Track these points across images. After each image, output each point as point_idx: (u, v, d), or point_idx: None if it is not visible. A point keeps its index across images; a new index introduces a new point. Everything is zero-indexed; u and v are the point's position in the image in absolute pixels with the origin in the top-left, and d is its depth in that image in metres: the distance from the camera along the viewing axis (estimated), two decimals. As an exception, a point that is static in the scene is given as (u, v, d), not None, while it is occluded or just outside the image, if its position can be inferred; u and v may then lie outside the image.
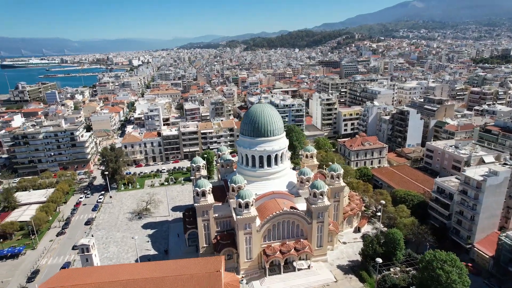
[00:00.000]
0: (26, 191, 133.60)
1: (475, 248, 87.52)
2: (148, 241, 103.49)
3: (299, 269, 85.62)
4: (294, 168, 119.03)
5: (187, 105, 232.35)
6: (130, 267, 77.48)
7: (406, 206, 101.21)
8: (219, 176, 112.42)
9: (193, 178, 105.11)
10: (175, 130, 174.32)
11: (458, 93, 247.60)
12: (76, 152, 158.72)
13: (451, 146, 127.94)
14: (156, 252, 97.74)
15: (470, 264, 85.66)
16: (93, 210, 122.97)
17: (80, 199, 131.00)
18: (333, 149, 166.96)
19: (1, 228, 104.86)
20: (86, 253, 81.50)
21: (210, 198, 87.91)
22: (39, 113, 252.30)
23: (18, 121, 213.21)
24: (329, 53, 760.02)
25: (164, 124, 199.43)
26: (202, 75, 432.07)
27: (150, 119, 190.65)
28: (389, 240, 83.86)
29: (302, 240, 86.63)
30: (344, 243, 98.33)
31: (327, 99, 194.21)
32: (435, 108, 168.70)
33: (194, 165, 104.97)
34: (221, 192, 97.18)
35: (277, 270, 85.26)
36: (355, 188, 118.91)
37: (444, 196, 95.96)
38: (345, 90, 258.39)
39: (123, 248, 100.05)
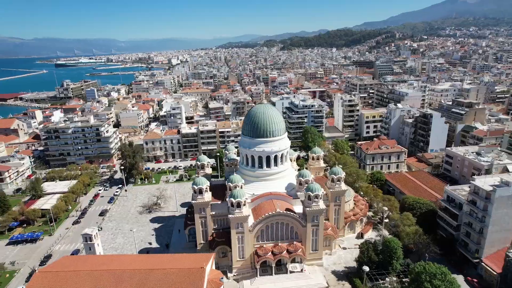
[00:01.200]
0: (53, 181, 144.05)
1: (483, 263, 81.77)
2: (153, 234, 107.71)
3: (291, 272, 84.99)
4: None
5: (212, 104, 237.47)
6: (125, 258, 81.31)
7: (413, 214, 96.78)
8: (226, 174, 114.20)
9: (197, 175, 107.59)
10: (195, 128, 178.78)
11: (498, 96, 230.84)
12: (100, 147, 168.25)
13: (472, 152, 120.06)
14: (158, 246, 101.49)
15: (475, 280, 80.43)
16: (109, 202, 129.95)
17: (99, 191, 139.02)
18: (351, 152, 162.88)
19: (25, 215, 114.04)
20: (89, 242, 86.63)
21: (207, 196, 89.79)
22: (77, 109, 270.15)
23: (57, 116, 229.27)
24: (366, 52, 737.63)
25: (188, 122, 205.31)
26: (233, 74, 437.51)
27: (172, 117, 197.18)
28: (385, 248, 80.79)
29: (295, 242, 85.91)
30: (344, 248, 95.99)
31: (349, 100, 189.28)
32: (463, 112, 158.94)
33: (199, 163, 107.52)
34: (222, 190, 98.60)
35: (270, 271, 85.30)
36: (364, 192, 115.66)
37: (453, 206, 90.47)
38: (373, 91, 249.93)
39: (129, 239, 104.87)
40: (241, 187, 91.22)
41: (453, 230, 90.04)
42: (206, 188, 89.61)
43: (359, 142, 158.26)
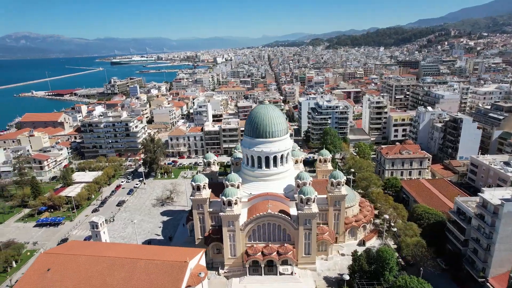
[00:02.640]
0: (83, 171, 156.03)
1: (489, 284, 75.17)
2: (160, 227, 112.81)
3: (281, 274, 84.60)
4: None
5: (241, 103, 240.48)
6: (122, 247, 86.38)
7: (420, 225, 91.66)
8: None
9: (204, 173, 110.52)
10: (218, 126, 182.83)
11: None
12: (129, 141, 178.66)
13: (501, 161, 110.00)
14: (162, 238, 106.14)
15: (477, 300, 74.34)
16: (128, 194, 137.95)
17: (121, 183, 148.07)
18: (373, 156, 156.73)
19: (52, 201, 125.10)
20: (95, 230, 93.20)
21: (205, 193, 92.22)
22: (118, 105, 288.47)
23: (98, 111, 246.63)
24: (416, 52, 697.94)
25: (216, 120, 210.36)
26: (271, 73, 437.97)
27: (198, 115, 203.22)
28: (378, 258, 77.39)
29: (286, 244, 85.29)
30: (343, 255, 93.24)
31: (377, 102, 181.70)
32: (501, 117, 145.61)
33: (205, 161, 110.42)
34: (222, 188, 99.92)
35: (261, 271, 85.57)
36: (374, 199, 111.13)
37: (462, 219, 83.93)
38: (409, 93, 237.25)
39: (138, 230, 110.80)
40: (238, 186, 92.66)
41: (461, 245, 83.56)
42: (204, 185, 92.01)
43: (380, 146, 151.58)
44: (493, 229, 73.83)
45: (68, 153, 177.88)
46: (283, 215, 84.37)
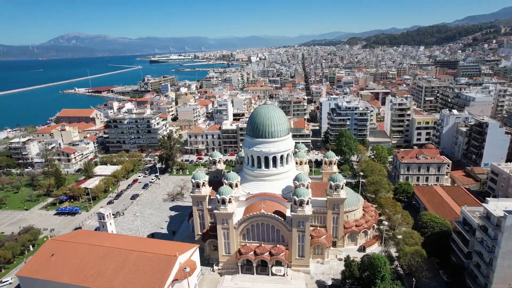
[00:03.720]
0: (105, 165, 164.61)
1: (490, 300, 70.47)
2: (166, 221, 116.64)
3: (273, 274, 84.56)
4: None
5: (262, 102, 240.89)
6: (121, 238, 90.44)
7: (423, 233, 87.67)
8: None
9: (210, 170, 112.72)
10: (235, 125, 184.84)
11: None
12: (150, 137, 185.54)
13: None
14: (166, 232, 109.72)
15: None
16: (143, 188, 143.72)
17: (138, 177, 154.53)
18: (391, 159, 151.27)
19: (73, 191, 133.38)
20: (102, 220, 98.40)
21: (204, 190, 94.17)
22: (148, 102, 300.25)
23: (127, 107, 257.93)
24: (459, 51, 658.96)
25: (237, 119, 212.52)
26: (300, 73, 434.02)
27: (218, 113, 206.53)
28: (370, 265, 75.07)
29: (278, 245, 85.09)
30: (340, 259, 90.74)
31: (399, 104, 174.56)
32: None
33: (211, 159, 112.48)
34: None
35: (253, 270, 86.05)
36: (382, 204, 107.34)
37: (466, 230, 79.14)
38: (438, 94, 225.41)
39: (145, 223, 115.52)
40: (236, 185, 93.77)
41: (464, 258, 78.86)
42: (203, 183, 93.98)
43: (397, 150, 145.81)
44: (495, 242, 69.08)
45: (95, 147, 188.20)
46: (276, 216, 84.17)
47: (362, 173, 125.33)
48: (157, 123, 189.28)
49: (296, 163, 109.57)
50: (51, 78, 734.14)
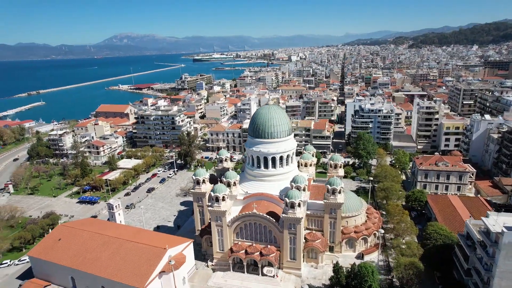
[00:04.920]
0: (129, 159, 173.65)
1: (486, 322, 65.35)
2: (174, 215, 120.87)
3: (263, 275, 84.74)
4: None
5: (289, 102, 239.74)
6: (122, 228, 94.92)
7: (425, 245, 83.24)
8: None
9: (217, 168, 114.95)
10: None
11: None
12: (174, 134, 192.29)
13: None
14: (172, 225, 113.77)
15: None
16: (160, 182, 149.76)
17: (157, 172, 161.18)
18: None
19: (95, 182, 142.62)
20: (111, 211, 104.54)
21: (204, 187, 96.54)
22: (181, 99, 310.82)
23: (160, 104, 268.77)
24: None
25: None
26: (335, 73, 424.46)
27: (241, 112, 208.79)
28: (357, 274, 72.78)
29: (269, 246, 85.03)
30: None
31: (427, 107, 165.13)
32: None
33: (218, 157, 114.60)
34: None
35: (246, 269, 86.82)
36: (389, 211, 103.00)
37: (468, 244, 73.74)
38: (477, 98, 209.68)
39: (155, 216, 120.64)
40: (234, 184, 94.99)
41: (464, 274, 73.62)
42: (203, 180, 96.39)
43: (417, 155, 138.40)
44: (493, 260, 63.88)
45: (123, 141, 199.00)
46: (268, 216, 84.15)
47: (372, 178, 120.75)
48: (182, 120, 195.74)
49: (301, 164, 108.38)
50: (102, 75, 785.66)
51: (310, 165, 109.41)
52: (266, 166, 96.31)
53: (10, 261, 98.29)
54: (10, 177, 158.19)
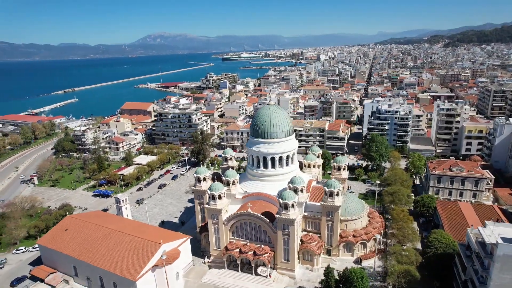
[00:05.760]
0: (146, 155, 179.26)
1: (479, 338, 62.02)
2: (181, 211, 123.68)
3: (256, 274, 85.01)
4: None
5: (308, 102, 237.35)
6: (125, 222, 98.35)
7: (426, 253, 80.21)
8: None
9: (222, 167, 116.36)
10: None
11: None
12: (191, 132, 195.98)
13: None
14: (177, 221, 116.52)
15: None
16: (172, 179, 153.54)
17: (171, 168, 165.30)
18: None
19: (110, 176, 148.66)
20: (119, 205, 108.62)
21: (205, 185, 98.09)
22: (203, 98, 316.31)
23: (182, 102, 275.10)
24: None
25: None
26: (361, 73, 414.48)
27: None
28: (346, 279, 71.39)
29: (263, 246, 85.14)
30: (332, 269, 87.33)
31: (448, 109, 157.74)
32: None
33: (223, 156, 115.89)
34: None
35: (241, 267, 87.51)
36: (394, 216, 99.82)
37: (467, 255, 70.17)
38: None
39: (162, 211, 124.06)
40: (234, 183, 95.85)
41: (462, 285, 70.19)
42: (204, 178, 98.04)
43: (431, 159, 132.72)
44: (487, 273, 60.51)
45: (142, 138, 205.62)
46: (262, 216, 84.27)
47: (378, 182, 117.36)
48: (198, 119, 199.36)
49: (305, 165, 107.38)
50: (134, 73, 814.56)
51: (314, 166, 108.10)
52: (265, 166, 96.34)
53: (25, 248, 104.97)
54: (36, 169, 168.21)
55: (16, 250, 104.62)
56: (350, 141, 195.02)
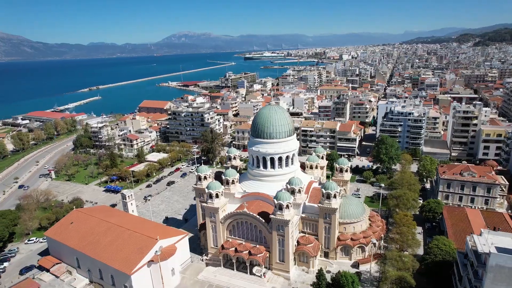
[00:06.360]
0: (159, 152, 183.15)
1: None
2: (186, 209, 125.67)
3: (251, 274, 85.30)
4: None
5: (322, 103, 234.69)
6: (127, 217, 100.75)
7: (424, 260, 78.00)
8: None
9: (225, 166, 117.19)
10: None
11: None
12: (203, 130, 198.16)
13: None
14: (181, 218, 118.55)
15: None
16: (181, 176, 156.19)
17: (181, 166, 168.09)
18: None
19: (121, 172, 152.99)
20: (124, 200, 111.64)
21: (205, 183, 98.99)
22: (219, 97, 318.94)
23: (198, 101, 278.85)
24: None
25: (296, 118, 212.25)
26: (381, 73, 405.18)
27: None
28: (336, 283, 70.50)
29: (258, 246, 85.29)
30: (328, 272, 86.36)
31: (464, 111, 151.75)
32: None
33: (227, 155, 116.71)
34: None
35: (237, 266, 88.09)
36: (396, 221, 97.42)
37: (463, 263, 67.67)
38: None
39: (167, 208, 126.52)
40: (233, 182, 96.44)
41: (458, 294, 67.82)
42: (205, 176, 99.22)
43: (441, 163, 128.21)
44: (480, 283, 58.18)
45: (157, 136, 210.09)
46: (257, 216, 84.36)
47: (383, 185, 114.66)
48: (211, 117, 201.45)
49: (306, 166, 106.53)
50: (158, 72, 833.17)
51: (316, 167, 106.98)
52: (265, 166, 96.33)
53: (36, 239, 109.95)
54: (54, 164, 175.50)
55: (28, 241, 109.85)
56: (363, 143, 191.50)
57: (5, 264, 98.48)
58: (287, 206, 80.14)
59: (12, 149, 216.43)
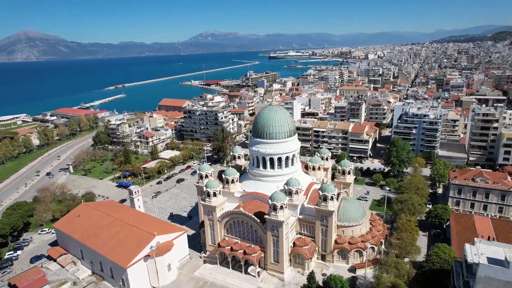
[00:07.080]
0: (172, 150, 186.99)
1: None
2: (191, 206, 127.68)
3: (246, 273, 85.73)
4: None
5: (338, 103, 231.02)
6: (130, 212, 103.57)
7: (422, 267, 75.70)
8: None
9: (230, 165, 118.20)
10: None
11: None
12: (216, 129, 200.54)
13: None
14: (185, 215, 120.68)
15: None
16: (191, 174, 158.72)
17: (192, 164, 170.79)
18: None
19: (134, 169, 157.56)
20: (131, 196, 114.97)
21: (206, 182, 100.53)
22: (238, 96, 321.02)
23: (216, 100, 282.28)
24: None
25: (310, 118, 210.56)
26: (404, 73, 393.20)
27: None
28: (327, 286, 69.64)
29: (253, 246, 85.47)
30: (324, 275, 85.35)
31: (484, 114, 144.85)
32: None
33: (232, 154, 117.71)
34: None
35: (233, 265, 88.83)
36: (399, 225, 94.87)
37: (457, 272, 64.95)
38: None
39: (174, 205, 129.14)
40: (233, 181, 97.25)
41: (452, 305, 65.22)
42: (206, 175, 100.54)
43: (454, 168, 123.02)
44: (471, 294, 55.73)
45: (172, 134, 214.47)
46: (253, 216, 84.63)
47: (388, 188, 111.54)
48: (225, 116, 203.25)
49: (309, 167, 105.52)
50: (183, 70, 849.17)
51: (319, 168, 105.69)
52: (265, 167, 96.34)
53: (48, 229, 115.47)
54: (73, 159, 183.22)
55: (41, 231, 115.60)
56: (378, 145, 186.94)
57: (19, 252, 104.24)
58: (282, 207, 79.86)
59: (38, 144, 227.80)
